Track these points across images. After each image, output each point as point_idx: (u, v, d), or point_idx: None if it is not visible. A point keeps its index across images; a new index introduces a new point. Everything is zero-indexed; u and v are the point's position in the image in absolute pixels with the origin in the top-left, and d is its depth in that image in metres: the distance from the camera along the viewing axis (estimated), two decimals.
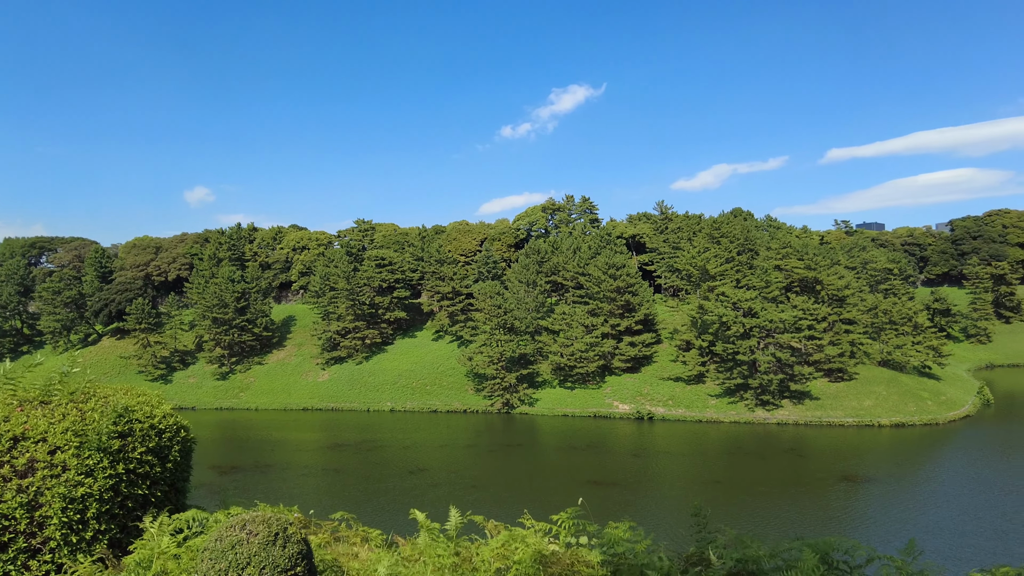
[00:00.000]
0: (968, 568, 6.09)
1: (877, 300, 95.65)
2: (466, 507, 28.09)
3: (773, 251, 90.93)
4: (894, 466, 59.54)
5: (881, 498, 49.84)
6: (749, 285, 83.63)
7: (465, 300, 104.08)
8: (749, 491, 51.92)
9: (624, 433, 75.48)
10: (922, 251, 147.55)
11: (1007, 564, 4.79)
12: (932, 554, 33.35)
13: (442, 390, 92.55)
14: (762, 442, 68.53)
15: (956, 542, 38.77)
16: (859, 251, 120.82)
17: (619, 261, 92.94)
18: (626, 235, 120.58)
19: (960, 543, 38.47)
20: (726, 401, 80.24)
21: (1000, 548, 36.96)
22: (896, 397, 78.06)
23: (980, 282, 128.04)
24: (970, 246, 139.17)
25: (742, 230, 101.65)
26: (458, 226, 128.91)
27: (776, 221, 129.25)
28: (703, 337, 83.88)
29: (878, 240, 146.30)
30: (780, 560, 5.05)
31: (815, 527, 42.06)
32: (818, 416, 75.44)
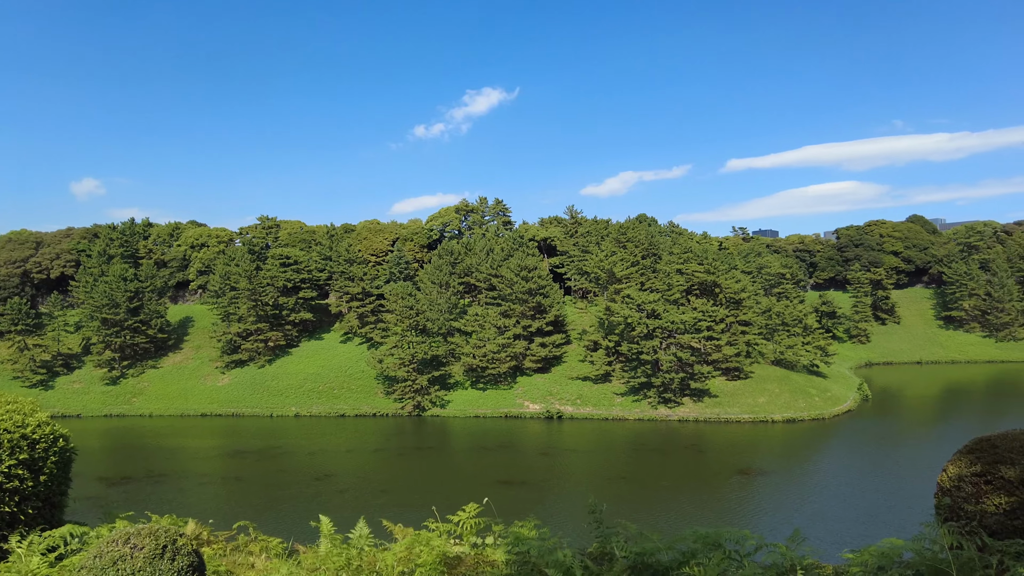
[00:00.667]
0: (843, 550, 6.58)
1: (771, 303, 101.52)
2: (374, 512, 27.84)
3: (675, 256, 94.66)
4: (785, 459, 63.32)
5: (773, 489, 52.87)
6: (653, 288, 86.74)
7: (376, 301, 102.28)
8: (652, 486, 53.82)
9: (534, 432, 76.43)
10: (811, 257, 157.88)
11: (874, 545, 5.19)
12: (815, 540, 35.70)
13: (350, 394, 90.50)
14: (664, 438, 71.18)
15: (835, 527, 41.66)
16: (755, 256, 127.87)
17: (531, 263, 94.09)
18: (538, 238, 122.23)
19: (839, 528, 41.38)
20: (631, 399, 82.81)
21: (871, 532, 40.07)
22: (787, 394, 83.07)
23: (861, 287, 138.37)
24: (853, 253, 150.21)
25: (647, 235, 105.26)
26: (369, 225, 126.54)
27: (678, 227, 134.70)
28: (610, 338, 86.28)
29: (772, 246, 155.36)
30: (676, 552, 5.24)
31: (712, 519, 44.09)
32: (716, 413, 79.17)
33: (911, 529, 6.89)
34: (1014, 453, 6.92)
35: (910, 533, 6.64)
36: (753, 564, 5.20)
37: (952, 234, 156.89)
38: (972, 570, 4.79)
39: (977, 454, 7.18)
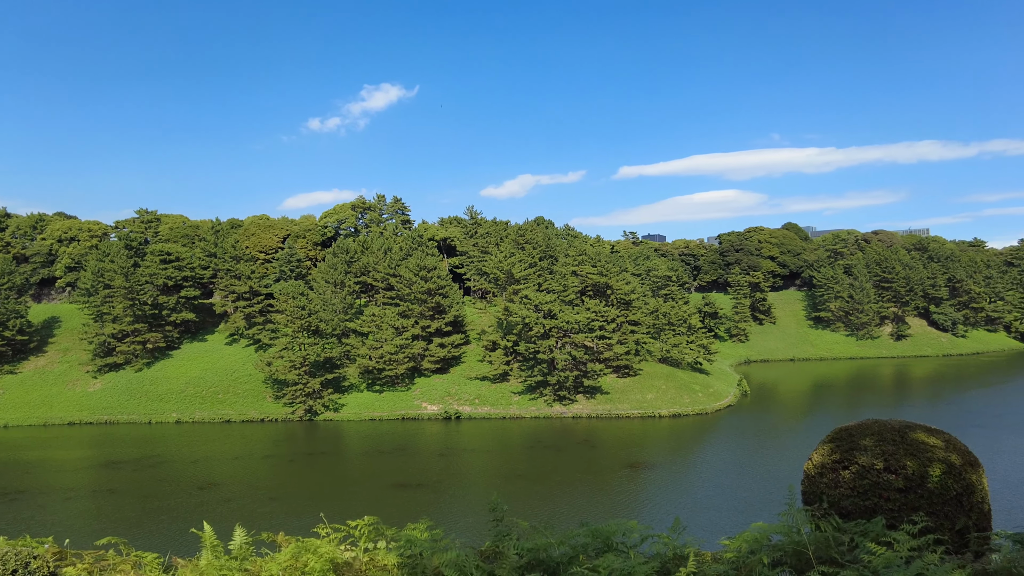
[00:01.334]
0: (721, 537, 7.05)
1: (658, 304, 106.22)
2: (262, 521, 27.01)
3: (571, 258, 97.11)
4: (671, 453, 66.43)
5: (660, 482, 55.34)
6: (549, 289, 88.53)
7: (264, 301, 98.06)
8: (547, 482, 54.89)
9: (432, 434, 75.96)
10: (696, 261, 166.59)
11: (747, 531, 5.57)
12: (697, 528, 37.69)
13: (237, 398, 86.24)
14: (559, 435, 72.81)
15: (715, 516, 44.20)
16: (644, 260, 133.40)
17: (430, 263, 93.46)
18: (437, 238, 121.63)
19: (719, 516, 43.92)
20: (528, 398, 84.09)
21: (749, 519, 42.80)
22: (674, 390, 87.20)
23: (741, 289, 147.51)
24: (733, 258, 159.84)
25: (544, 237, 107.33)
26: (258, 221, 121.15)
27: (574, 230, 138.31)
28: (508, 337, 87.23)
29: (660, 250, 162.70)
30: (568, 547, 5.39)
31: (604, 512, 45.56)
32: (608, 409, 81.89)
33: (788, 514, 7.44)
34: (868, 441, 7.63)
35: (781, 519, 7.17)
36: (639, 555, 5.43)
37: (821, 241, 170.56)
38: (828, 547, 5.25)
39: (836, 443, 7.85)
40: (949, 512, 7.14)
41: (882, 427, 7.82)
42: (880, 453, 7.36)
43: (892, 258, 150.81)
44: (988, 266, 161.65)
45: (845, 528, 5.80)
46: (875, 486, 7.20)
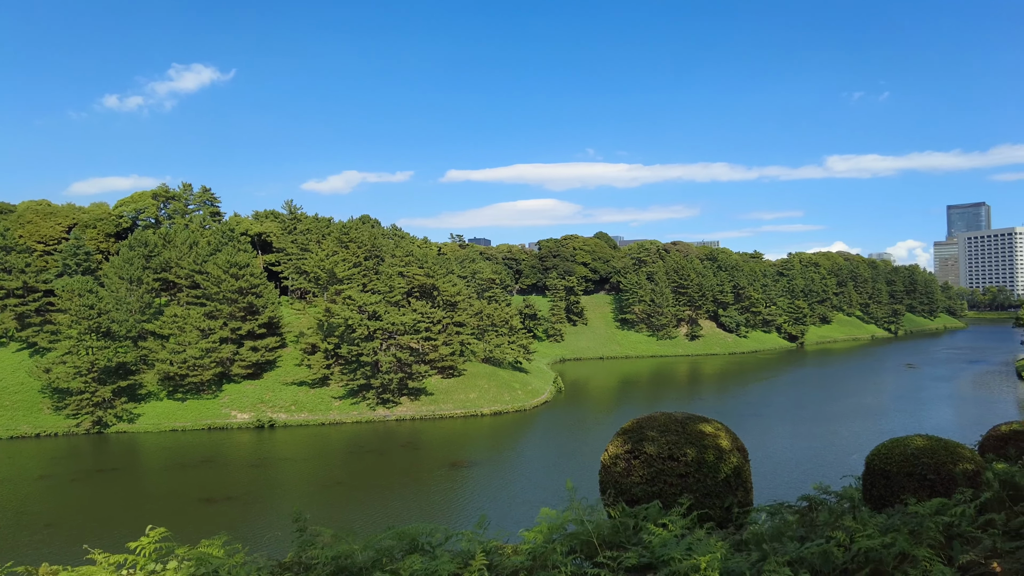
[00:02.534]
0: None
1: (482, 305, 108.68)
2: (28, 552, 23.76)
3: (397, 259, 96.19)
4: (490, 450, 68.22)
5: (479, 479, 56.59)
6: (375, 290, 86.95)
7: (43, 298, 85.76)
8: (367, 487, 53.81)
9: (243, 444, 71.16)
10: (518, 265, 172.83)
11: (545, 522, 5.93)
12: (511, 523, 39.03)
13: (4, 411, 74.52)
14: (382, 439, 71.72)
15: (529, 509, 46.07)
16: (470, 262, 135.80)
17: (243, 260, 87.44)
18: (252, 233, 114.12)
19: (532, 510, 45.69)
20: (349, 402, 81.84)
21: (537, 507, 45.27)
22: (495, 389, 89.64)
23: (557, 292, 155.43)
24: (552, 263, 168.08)
25: (369, 237, 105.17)
26: (36, 207, 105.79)
27: (400, 231, 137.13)
28: (329, 340, 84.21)
29: (485, 254, 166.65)
30: (373, 551, 5.36)
31: (423, 513, 45.64)
32: (432, 410, 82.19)
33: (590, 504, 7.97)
34: (655, 432, 8.43)
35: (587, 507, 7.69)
36: (445, 553, 5.55)
37: (628, 250, 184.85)
38: (616, 533, 5.75)
39: (628, 434, 8.59)
40: (720, 492, 8.12)
41: (667, 419, 8.69)
42: (665, 443, 8.18)
43: (688, 267, 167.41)
44: (765, 275, 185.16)
45: (631, 513, 6.38)
46: (660, 473, 7.99)
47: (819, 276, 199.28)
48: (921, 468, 7.61)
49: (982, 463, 8.23)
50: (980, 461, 8.21)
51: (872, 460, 8.01)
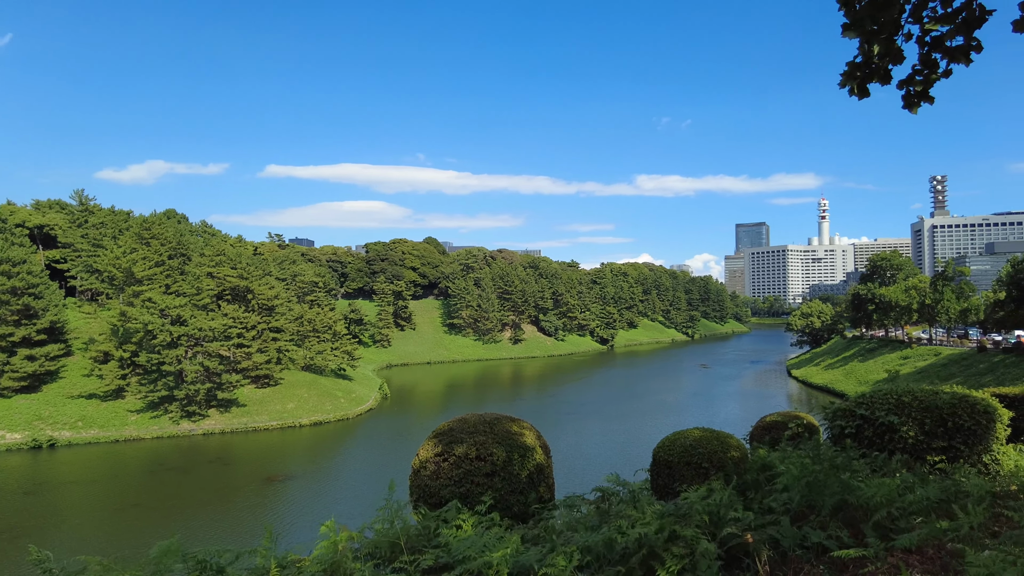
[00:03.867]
0: None
1: (303, 310, 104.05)
2: None
3: (207, 258, 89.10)
4: (310, 462, 65.43)
5: (296, 492, 54.02)
6: (180, 291, 79.81)
7: None
8: (169, 509, 49.16)
9: (14, 468, 61.68)
10: (343, 268, 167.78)
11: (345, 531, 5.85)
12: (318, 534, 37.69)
13: None
14: (187, 455, 65.91)
15: (346, 520, 44.92)
16: (290, 264, 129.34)
17: (18, 255, 75.89)
18: (30, 224, 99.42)
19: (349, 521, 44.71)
20: (149, 416, 74.23)
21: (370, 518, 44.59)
22: (316, 398, 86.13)
23: (385, 297, 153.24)
24: (379, 267, 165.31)
25: (175, 233, 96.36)
26: None
27: (212, 228, 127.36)
28: (125, 347, 75.73)
29: (307, 255, 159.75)
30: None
31: (232, 532, 42.64)
32: (244, 423, 77.02)
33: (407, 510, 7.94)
34: (464, 434, 8.64)
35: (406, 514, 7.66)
36: (238, 572, 5.27)
37: (456, 256, 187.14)
38: (418, 536, 5.83)
39: (439, 438, 8.73)
40: (524, 489, 8.52)
41: (478, 420, 8.96)
42: (474, 444, 8.42)
43: (512, 273, 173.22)
44: (580, 283, 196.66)
45: (433, 516, 6.49)
46: (468, 474, 8.21)
47: (628, 285, 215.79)
48: (697, 458, 8.56)
49: (746, 450, 9.43)
50: (745, 449, 9.39)
51: (657, 452, 8.86)
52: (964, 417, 10.18)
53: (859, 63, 5.98)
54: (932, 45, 5.81)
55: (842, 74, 6.10)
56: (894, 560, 6.21)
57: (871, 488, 7.72)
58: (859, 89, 6.11)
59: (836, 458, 9.18)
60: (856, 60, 5.98)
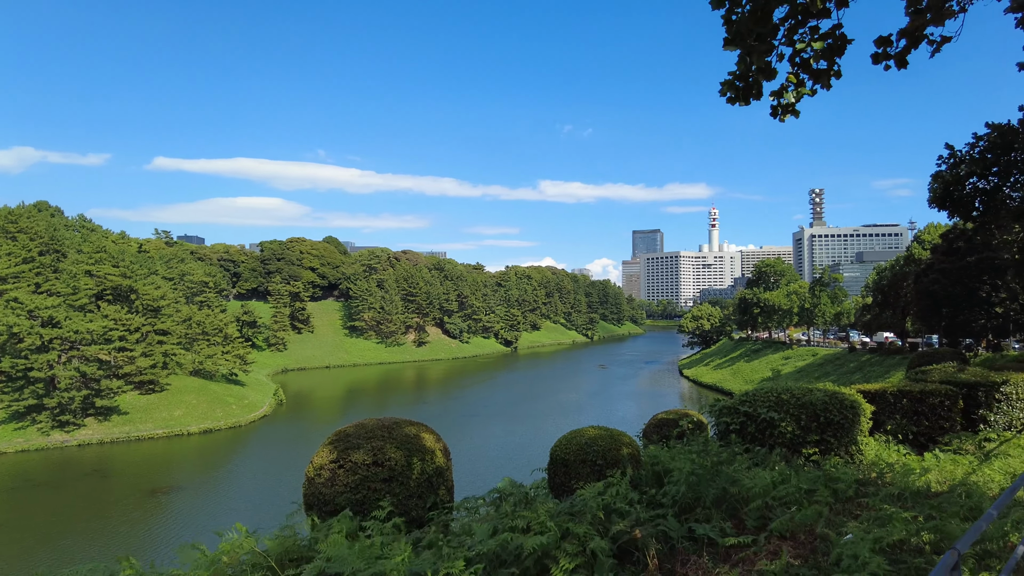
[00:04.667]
0: None
1: (192, 311, 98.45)
2: None
3: (85, 255, 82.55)
4: (200, 471, 61.95)
5: (186, 504, 51.01)
6: (52, 291, 73.48)
7: None
8: (37, 527, 45.06)
9: None
10: (236, 267, 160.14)
11: (236, 539, 5.58)
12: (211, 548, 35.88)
13: None
14: (59, 469, 60.71)
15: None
16: (178, 263, 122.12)
17: None
18: None
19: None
20: (13, 427, 67.80)
21: (264, 529, 42.86)
22: (206, 404, 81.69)
23: (281, 298, 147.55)
24: (275, 266, 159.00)
25: (48, 227, 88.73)
26: None
27: (91, 223, 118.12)
28: None
29: (197, 253, 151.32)
30: None
31: (113, 549, 39.66)
32: (127, 432, 71.92)
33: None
34: (361, 440, 8.45)
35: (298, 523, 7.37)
36: None
37: (358, 256, 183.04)
38: (305, 548, 5.64)
39: (335, 444, 8.49)
40: (422, 493, 8.43)
41: (376, 425, 8.78)
42: (371, 449, 8.25)
43: (417, 275, 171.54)
44: (485, 285, 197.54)
45: (324, 525, 6.31)
46: (365, 480, 8.03)
47: (531, 287, 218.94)
48: (592, 455, 8.78)
49: (638, 447, 9.77)
50: (637, 446, 9.73)
51: (555, 451, 9.02)
52: (835, 412, 11.02)
53: (738, 75, 6.38)
54: (801, 65, 6.30)
55: (722, 83, 6.48)
56: (771, 546, 6.63)
57: (751, 480, 8.21)
58: (740, 98, 6.52)
59: (722, 453, 9.70)
60: (736, 72, 6.39)
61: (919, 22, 6.13)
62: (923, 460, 11.77)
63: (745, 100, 6.52)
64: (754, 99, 6.45)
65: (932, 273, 62.50)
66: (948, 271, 59.88)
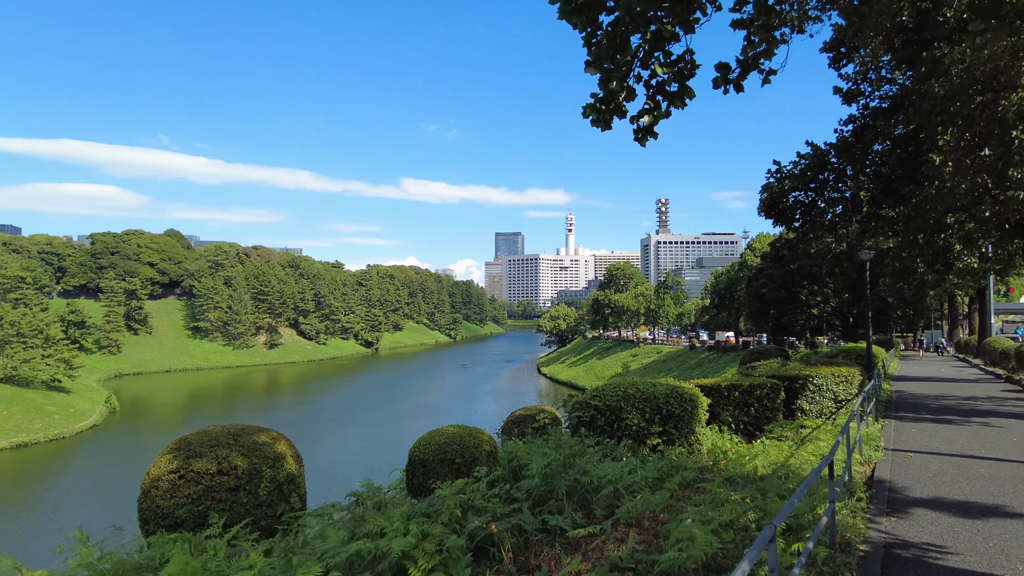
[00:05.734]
0: None
1: (6, 311, 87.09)
2: None
3: None
4: (9, 491, 54.93)
5: None
6: None
7: None
8: None
9: None
10: (61, 261, 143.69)
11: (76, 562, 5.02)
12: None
13: None
14: None
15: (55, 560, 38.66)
16: None
17: None
18: None
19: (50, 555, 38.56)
20: None
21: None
22: (20, 415, 72.60)
23: (115, 296, 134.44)
24: (108, 261, 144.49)
25: None
26: None
27: None
28: None
29: (11, 245, 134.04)
30: None
31: None
32: None
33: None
34: (205, 448, 7.92)
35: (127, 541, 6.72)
36: None
37: (204, 251, 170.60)
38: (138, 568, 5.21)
39: (176, 452, 7.89)
40: (273, 501, 8.05)
41: (221, 432, 8.26)
42: (214, 457, 7.74)
43: (269, 273, 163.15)
44: (345, 284, 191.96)
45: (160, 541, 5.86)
46: (208, 490, 7.52)
47: (394, 287, 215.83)
48: (451, 454, 8.82)
49: (496, 444, 9.96)
50: (495, 443, 9.91)
51: (413, 452, 8.97)
52: (676, 405, 11.87)
53: (601, 97, 6.69)
54: (656, 88, 6.73)
55: (585, 107, 6.78)
56: (617, 533, 7.02)
57: (601, 471, 8.65)
58: (601, 122, 6.83)
59: (574, 446, 10.12)
60: (599, 95, 6.69)
61: (752, 51, 6.78)
62: (752, 447, 12.98)
63: (607, 124, 6.84)
64: (617, 119, 6.79)
65: (761, 278, 69.10)
66: (775, 276, 66.51)
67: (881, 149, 28.11)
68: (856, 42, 25.85)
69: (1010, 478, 10.01)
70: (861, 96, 28.88)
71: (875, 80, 28.54)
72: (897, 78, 27.79)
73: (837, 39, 27.74)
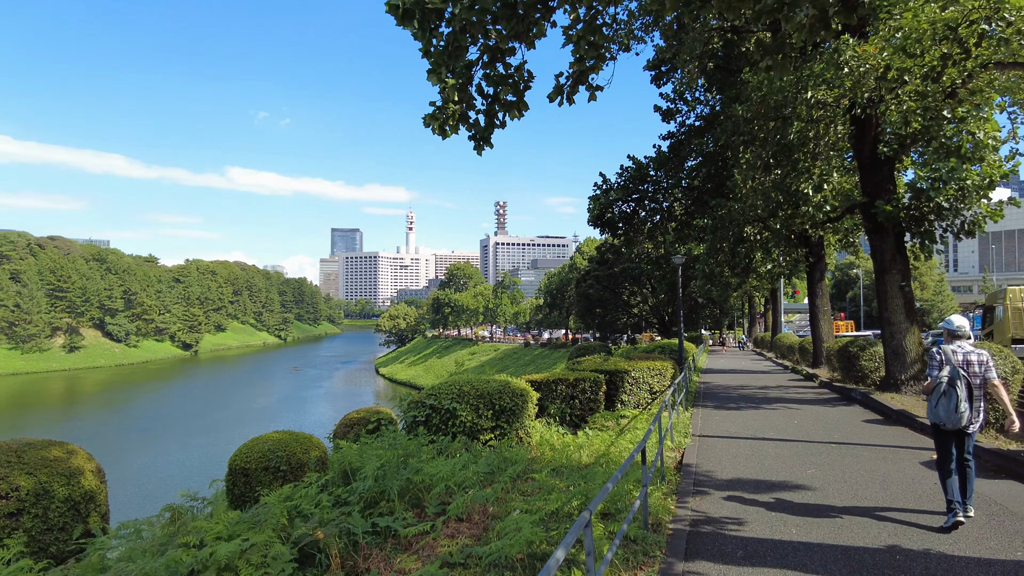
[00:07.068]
0: None
1: None
2: None
3: None
4: None
5: None
6: None
7: None
8: None
9: None
10: None
11: None
12: None
13: None
14: None
15: None
16: None
17: None
18: None
19: None
20: None
21: None
22: None
23: None
24: None
25: None
26: None
27: None
28: None
29: None
30: None
31: None
32: None
33: None
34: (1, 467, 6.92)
35: None
36: None
37: None
38: None
39: None
40: (67, 524, 7.20)
41: (2, 448, 7.25)
42: None
43: (69, 267, 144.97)
44: (160, 281, 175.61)
45: None
46: None
47: (216, 284, 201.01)
48: (275, 461, 8.43)
49: (326, 449, 9.68)
50: (325, 447, 9.63)
51: (233, 460, 8.44)
52: (507, 400, 12.26)
53: (440, 106, 6.76)
54: (494, 99, 6.92)
55: (426, 116, 6.81)
56: (448, 530, 7.13)
57: (434, 468, 8.73)
58: (440, 130, 6.90)
59: (409, 445, 10.11)
60: (439, 104, 6.75)
61: (581, 67, 7.20)
62: (577, 438, 13.74)
63: (446, 133, 6.92)
64: (453, 132, 6.89)
65: (589, 279, 73.27)
66: (601, 278, 70.82)
67: (694, 164, 31.01)
68: (675, 63, 28.35)
69: (791, 455, 11.50)
70: (679, 114, 31.67)
71: (691, 100, 31.44)
72: (709, 100, 30.82)
73: (658, 59, 30.20)
